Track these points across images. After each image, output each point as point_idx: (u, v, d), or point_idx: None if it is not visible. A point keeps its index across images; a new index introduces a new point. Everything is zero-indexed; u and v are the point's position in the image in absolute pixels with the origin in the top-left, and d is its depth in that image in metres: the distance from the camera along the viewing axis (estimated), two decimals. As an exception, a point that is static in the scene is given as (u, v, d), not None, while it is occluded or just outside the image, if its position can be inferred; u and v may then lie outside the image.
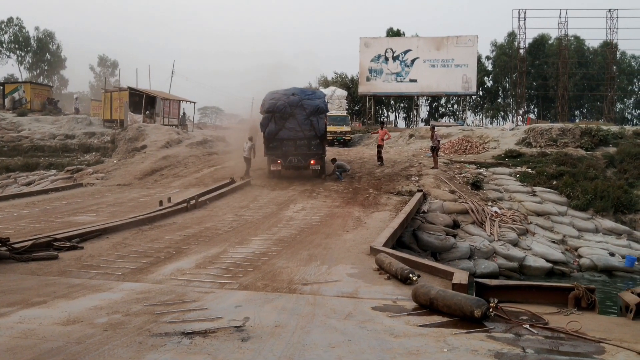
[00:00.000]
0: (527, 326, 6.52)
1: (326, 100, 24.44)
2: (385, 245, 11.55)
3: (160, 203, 16.86)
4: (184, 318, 6.61)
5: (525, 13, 54.89)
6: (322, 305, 7.49)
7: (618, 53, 61.13)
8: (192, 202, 17.23)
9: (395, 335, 6.11)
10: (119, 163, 29.00)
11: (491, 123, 71.32)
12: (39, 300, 7.35)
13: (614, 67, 59.17)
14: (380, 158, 25.47)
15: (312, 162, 22.25)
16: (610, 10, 53.76)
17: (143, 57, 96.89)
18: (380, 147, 25.80)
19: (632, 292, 7.39)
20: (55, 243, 10.98)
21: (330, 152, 25.58)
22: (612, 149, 28.28)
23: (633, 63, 71.66)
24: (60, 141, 34.58)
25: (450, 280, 8.65)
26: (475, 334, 6.22)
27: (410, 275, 8.64)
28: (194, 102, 45.08)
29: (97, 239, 12.29)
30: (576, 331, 6.34)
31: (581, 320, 6.73)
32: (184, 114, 44.06)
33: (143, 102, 37.56)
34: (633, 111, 75.27)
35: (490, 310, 6.69)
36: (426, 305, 7.27)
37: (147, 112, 38.44)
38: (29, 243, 10.47)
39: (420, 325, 6.57)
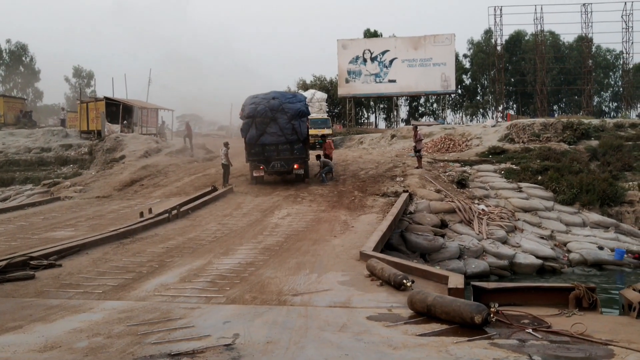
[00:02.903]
0: (530, 330, 6.25)
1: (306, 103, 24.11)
2: (375, 249, 11.27)
3: (141, 214, 16.40)
4: (169, 338, 6.24)
5: (501, 10, 55.16)
6: (314, 317, 7.16)
7: (593, 47, 61.66)
8: (174, 212, 16.80)
9: (394, 347, 5.80)
10: (97, 175, 28.41)
11: (471, 121, 71.61)
12: (14, 325, 6.92)
13: (590, 61, 59.66)
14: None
15: (295, 166, 21.92)
16: (584, 4, 54.17)
17: (119, 66, 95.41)
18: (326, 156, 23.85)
19: (634, 289, 7.16)
20: (31, 262, 10.50)
21: (312, 155, 25.20)
22: (594, 142, 28.37)
23: (608, 56, 72.36)
24: (36, 154, 33.82)
25: (445, 284, 8.37)
26: (477, 342, 5.94)
27: (404, 281, 8.34)
28: (172, 110, 44.52)
29: (76, 255, 11.83)
30: (581, 334, 6.08)
31: (584, 322, 6.47)
32: (162, 122, 43.45)
33: (120, 111, 36.92)
34: (610, 104, 76.01)
35: (492, 315, 6.41)
36: (423, 313, 6.97)
37: (125, 121, 37.80)
38: (4, 263, 10.00)
39: (420, 335, 6.26)
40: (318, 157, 23.15)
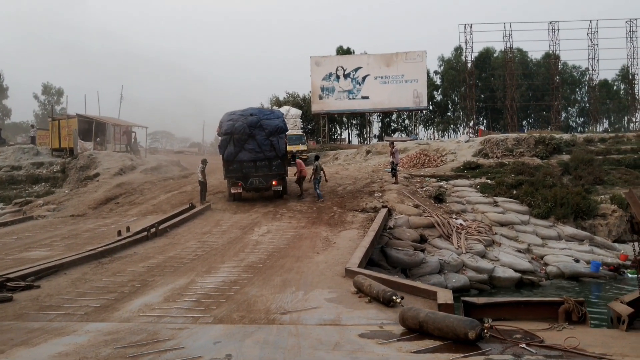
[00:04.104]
0: (524, 345, 6.27)
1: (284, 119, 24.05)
2: (359, 265, 11.24)
3: (119, 233, 16.12)
4: (160, 360, 6.11)
5: (471, 27, 56.18)
6: (306, 335, 7.08)
7: (560, 64, 63.04)
8: (153, 230, 16.54)
9: (391, 365, 5.77)
10: (71, 193, 27.91)
11: (443, 136, 72.35)
12: (-4, 350, 6.71)
13: (557, 78, 60.98)
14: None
15: (274, 182, 21.81)
16: (551, 22, 55.51)
17: (90, 83, 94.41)
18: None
19: (622, 302, 7.26)
20: (8, 283, 10.22)
21: (289, 171, 25.13)
22: (565, 157, 28.95)
23: (575, 73, 74.03)
24: (6, 173, 33.11)
25: (433, 299, 8.39)
26: (473, 358, 5.94)
27: (394, 297, 8.32)
28: (146, 127, 44.11)
29: (54, 275, 11.56)
30: (575, 347, 6.12)
31: (576, 335, 6.52)
32: (135, 139, 42.98)
33: (93, 129, 36.43)
34: (577, 119, 77.63)
35: (485, 331, 6.42)
36: (415, 329, 6.95)
37: (98, 139, 37.29)
38: (-20, 285, 9.71)
39: (415, 352, 6.24)
40: (317, 157, 23.16)
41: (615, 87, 73.15)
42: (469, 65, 59.18)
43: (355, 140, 71.79)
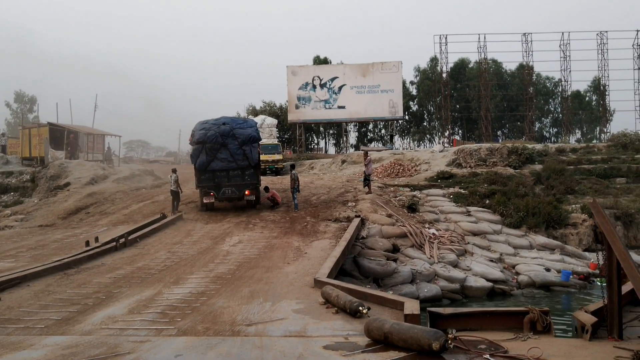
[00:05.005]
0: (488, 356, 6.25)
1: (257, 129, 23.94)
2: (329, 276, 11.15)
3: (87, 243, 15.82)
4: (117, 375, 5.94)
5: (446, 38, 56.61)
6: (269, 347, 6.97)
7: (534, 75, 63.90)
8: (122, 240, 16.27)
9: (353, 377, 5.68)
10: (40, 203, 27.41)
11: (418, 146, 72.76)
12: (-52, 365, 6.48)
13: (531, 88, 61.78)
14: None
15: (247, 192, 21.64)
16: (524, 34, 56.28)
17: (63, 92, 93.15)
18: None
19: (586, 311, 7.28)
20: (-33, 296, 9.93)
21: (263, 181, 25.01)
22: (538, 167, 29.29)
23: (548, 84, 75.15)
24: (-26, 182, 32.41)
25: (400, 310, 8.33)
26: (436, 369, 5.89)
27: (360, 308, 8.25)
28: (120, 136, 43.62)
29: (16, 287, 11.27)
30: (538, 358, 6.11)
31: (540, 345, 6.52)
32: (108, 148, 42.47)
33: (65, 137, 35.90)
34: (550, 129, 78.69)
35: (449, 341, 6.38)
36: (380, 340, 6.89)
37: (69, 147, 36.75)
38: (-63, 298, 9.41)
39: (378, 364, 6.17)
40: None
41: (587, 98, 74.36)
42: (444, 75, 59.67)
43: (332, 150, 72.01)
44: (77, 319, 8.92)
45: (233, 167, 21.19)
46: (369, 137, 73.29)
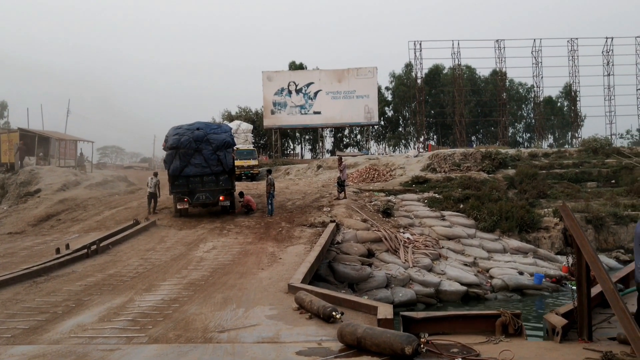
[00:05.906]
0: (460, 359, 6.26)
1: (232, 134, 23.82)
2: (303, 281, 11.11)
3: (58, 251, 15.54)
4: (85, 384, 5.82)
5: (420, 44, 57.06)
6: (242, 354, 6.91)
7: (507, 81, 64.75)
8: (93, 247, 16.02)
9: (325, 383, 5.65)
10: (9, 210, 26.92)
11: (394, 151, 73.16)
12: None
13: (504, 94, 62.60)
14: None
15: (221, 198, 21.48)
16: (497, 40, 56.98)
17: (34, 98, 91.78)
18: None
19: (557, 314, 7.34)
20: None
21: (238, 186, 24.88)
22: (511, 171, 29.67)
23: (520, 90, 76.31)
24: (-58, 189, 31.71)
25: (374, 314, 8.31)
26: (408, 373, 5.88)
27: (334, 313, 8.22)
28: (92, 142, 43.08)
29: (-17, 297, 11.00)
30: (509, 360, 6.14)
31: (511, 348, 6.56)
32: (81, 154, 41.91)
33: (36, 143, 35.33)
34: (523, 135, 79.83)
35: (422, 345, 6.37)
36: (353, 345, 6.86)
37: (41, 153, 36.16)
38: None
39: (350, 369, 6.15)
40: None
41: (559, 104, 75.71)
42: (419, 81, 60.12)
43: (308, 155, 72.01)
44: (46, 327, 8.73)
45: (207, 172, 21.03)
46: (344, 142, 73.50)
